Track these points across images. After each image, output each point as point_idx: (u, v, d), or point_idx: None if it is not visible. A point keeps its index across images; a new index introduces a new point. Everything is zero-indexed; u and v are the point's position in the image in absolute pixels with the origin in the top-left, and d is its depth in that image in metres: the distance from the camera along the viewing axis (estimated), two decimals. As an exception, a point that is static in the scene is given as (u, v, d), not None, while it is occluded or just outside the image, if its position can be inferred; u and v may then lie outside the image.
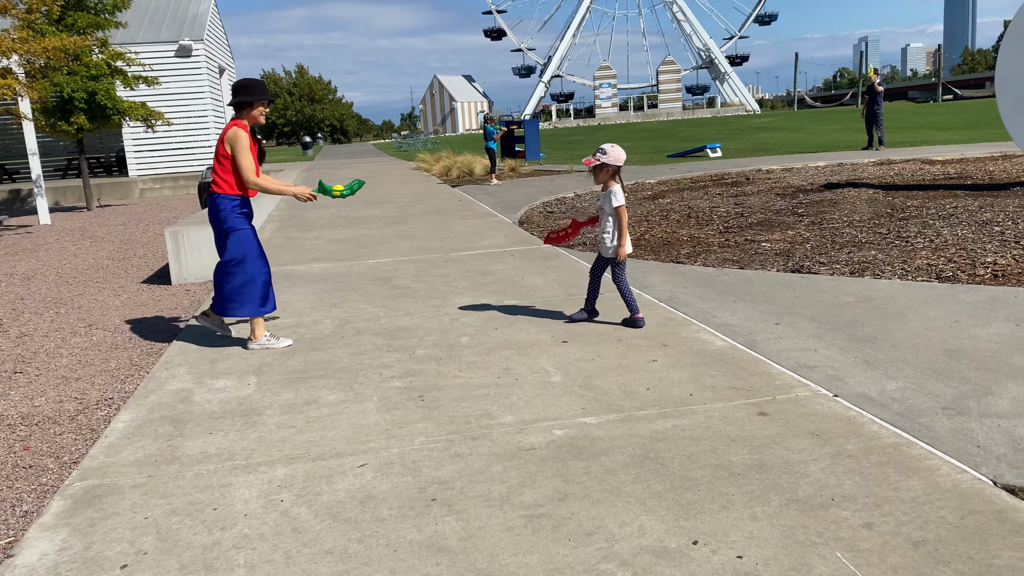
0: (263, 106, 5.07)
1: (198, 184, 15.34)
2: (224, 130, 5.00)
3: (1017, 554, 2.44)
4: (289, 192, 5.10)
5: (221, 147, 4.98)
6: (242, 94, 5.00)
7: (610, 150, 5.01)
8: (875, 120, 19.27)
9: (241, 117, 5.04)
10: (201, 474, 3.33)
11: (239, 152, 4.92)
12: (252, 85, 5.04)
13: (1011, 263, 6.49)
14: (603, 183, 5.11)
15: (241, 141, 4.91)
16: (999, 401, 3.64)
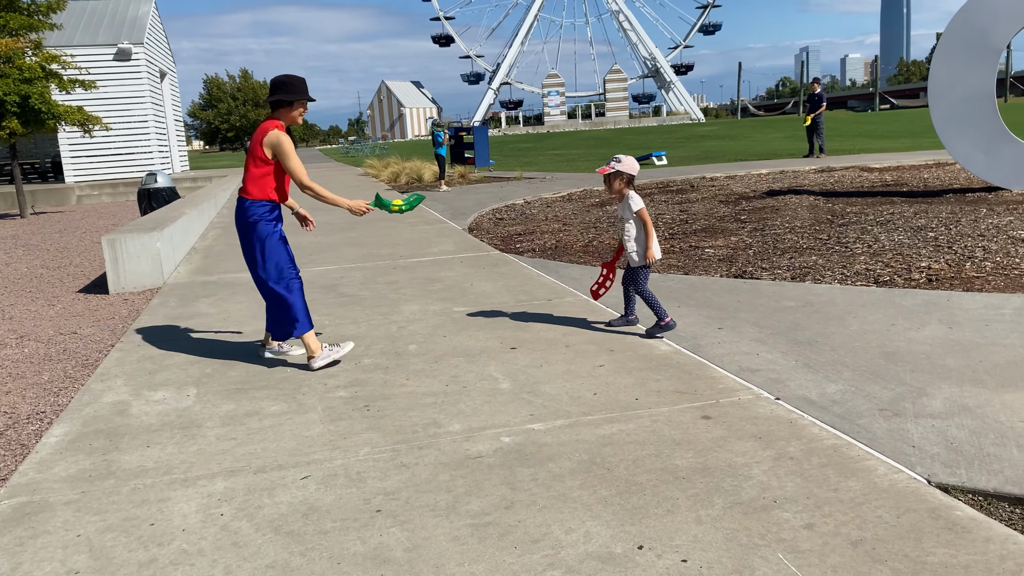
0: (303, 106, 4.72)
1: (138, 190, 14.97)
2: (260, 131, 4.62)
3: (950, 551, 2.50)
4: (344, 205, 4.75)
5: (258, 150, 4.61)
6: (281, 91, 4.63)
7: (624, 159, 5.02)
8: (816, 128, 19.76)
9: (279, 117, 4.67)
10: (138, 489, 3.23)
11: (286, 156, 4.58)
12: (293, 82, 4.65)
13: (944, 267, 6.70)
14: (617, 192, 5.08)
15: (285, 145, 4.57)
16: (933, 402, 3.74)
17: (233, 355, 5.12)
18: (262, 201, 4.68)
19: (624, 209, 5.08)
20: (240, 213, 4.73)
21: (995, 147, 10.74)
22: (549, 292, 6.54)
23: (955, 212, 9.44)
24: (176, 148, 29.13)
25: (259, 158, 4.62)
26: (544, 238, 9.82)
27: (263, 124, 4.66)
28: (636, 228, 5.06)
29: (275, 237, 4.72)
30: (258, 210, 4.67)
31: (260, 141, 4.60)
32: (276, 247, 4.73)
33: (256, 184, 4.65)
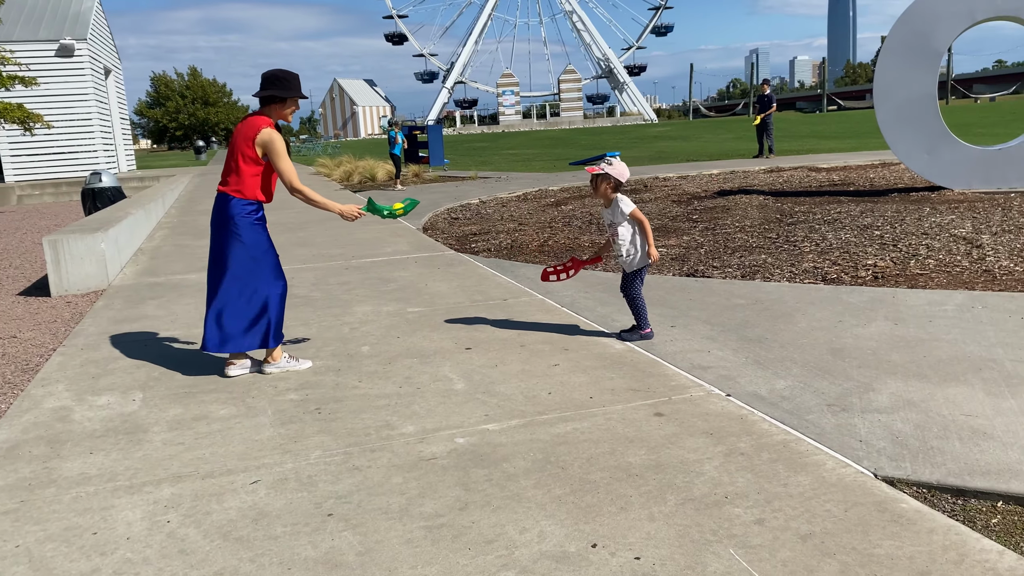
0: (296, 104, 4.53)
1: (82, 190, 14.58)
2: (249, 126, 4.38)
3: (895, 543, 2.55)
4: (335, 209, 4.58)
5: (246, 146, 4.37)
6: (274, 87, 4.41)
7: (616, 163, 4.83)
8: (766, 129, 20.10)
9: (268, 114, 4.45)
10: (80, 497, 3.14)
11: (277, 157, 4.37)
12: (287, 78, 4.44)
13: (890, 265, 6.86)
14: (603, 195, 4.91)
15: (277, 144, 4.36)
16: (879, 397, 3.82)
17: (181, 358, 5.01)
18: (249, 201, 4.45)
19: (614, 214, 4.90)
20: (223, 212, 4.46)
21: (937, 148, 11.03)
22: (504, 292, 6.53)
23: (900, 211, 9.68)
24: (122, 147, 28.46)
25: (249, 157, 4.39)
26: (499, 238, 9.81)
27: (252, 120, 4.43)
28: (630, 231, 4.90)
29: (265, 240, 4.53)
30: (244, 209, 4.44)
31: (251, 138, 4.36)
32: (268, 251, 4.53)
33: (244, 183, 4.42)
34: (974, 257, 6.96)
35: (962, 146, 11.12)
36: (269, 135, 4.35)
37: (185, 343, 5.38)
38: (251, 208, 4.46)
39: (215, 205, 4.53)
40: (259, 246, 4.50)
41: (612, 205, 4.92)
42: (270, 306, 4.53)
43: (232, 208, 4.43)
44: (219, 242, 4.51)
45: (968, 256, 7.01)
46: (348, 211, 4.66)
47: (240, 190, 4.43)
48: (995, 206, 9.63)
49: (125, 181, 19.86)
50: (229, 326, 4.49)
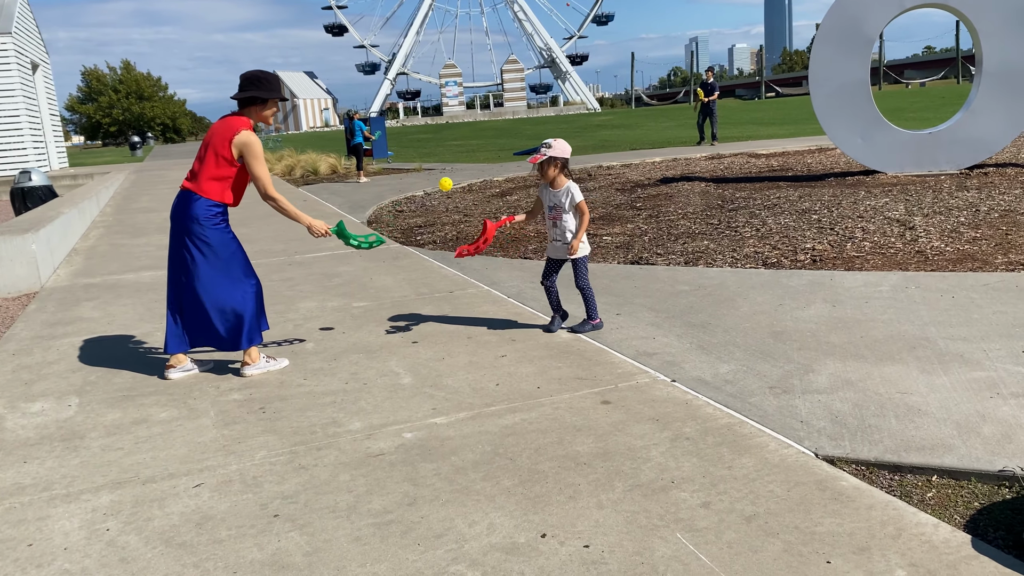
0: (276, 106, 4.43)
1: (11, 190, 14.07)
2: (227, 127, 4.25)
3: (836, 520, 2.62)
4: (305, 222, 4.46)
5: (222, 147, 4.22)
6: (254, 88, 4.29)
7: (555, 143, 4.76)
8: (711, 116, 20.37)
9: (248, 115, 4.33)
10: (13, 508, 3.03)
11: (255, 161, 4.24)
12: (268, 79, 4.35)
13: (828, 248, 7.02)
14: (552, 179, 4.84)
15: (256, 147, 4.24)
16: (819, 378, 3.91)
17: (119, 361, 4.87)
18: (215, 203, 4.29)
19: (563, 198, 4.84)
20: (186, 211, 4.27)
21: (871, 132, 11.32)
22: (451, 284, 6.51)
23: (836, 195, 9.91)
24: (53, 144, 27.53)
25: (223, 158, 4.24)
26: (445, 230, 9.77)
27: (230, 120, 4.30)
28: (575, 221, 4.88)
29: (232, 240, 4.38)
30: (210, 211, 4.28)
31: (229, 139, 4.22)
32: (236, 251, 4.39)
33: (214, 184, 4.26)
34: (907, 239, 7.17)
35: (894, 130, 11.43)
36: (248, 137, 4.24)
37: (123, 345, 5.23)
38: (217, 210, 4.31)
39: (178, 202, 4.34)
40: (227, 247, 4.35)
41: (563, 190, 4.86)
42: (245, 305, 4.39)
43: (197, 208, 4.26)
44: (182, 243, 4.32)
45: (901, 238, 7.22)
46: (317, 227, 4.54)
47: (208, 190, 4.27)
48: (926, 188, 9.93)
49: (57, 179, 19.21)
50: (193, 326, 4.39)
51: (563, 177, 4.88)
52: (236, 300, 4.37)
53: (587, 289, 4.96)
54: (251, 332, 4.44)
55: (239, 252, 4.42)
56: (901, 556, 2.40)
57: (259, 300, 4.50)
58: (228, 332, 4.39)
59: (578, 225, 4.88)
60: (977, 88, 11.13)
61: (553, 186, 4.89)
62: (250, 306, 4.42)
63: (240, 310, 4.38)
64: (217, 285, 4.33)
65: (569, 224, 4.89)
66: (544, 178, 4.88)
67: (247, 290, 4.41)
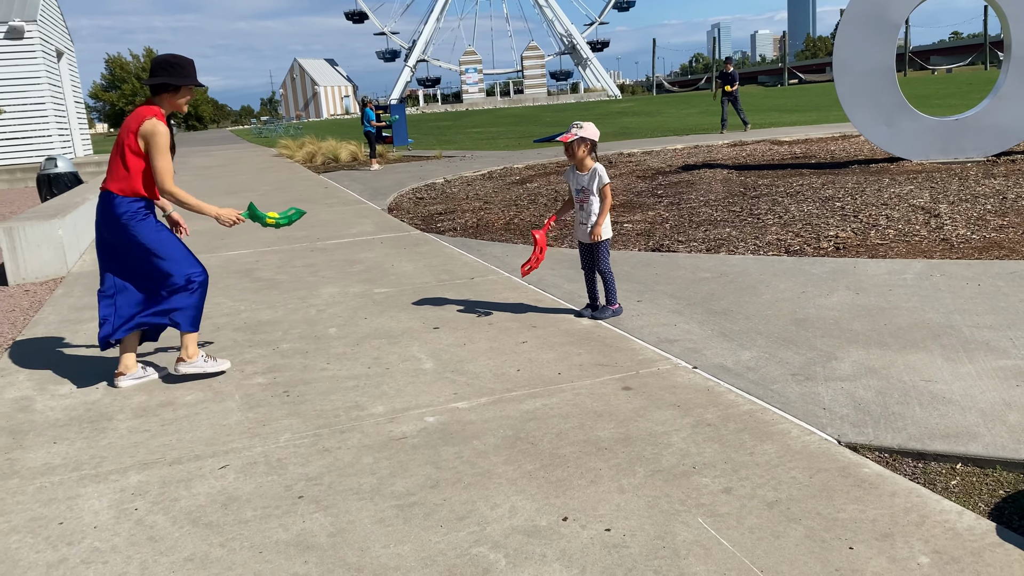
0: (190, 93, 4.16)
1: (37, 176, 14.24)
2: (135, 117, 4.01)
3: (859, 507, 2.61)
4: (210, 212, 4.20)
5: (130, 138, 3.98)
6: (165, 74, 4.04)
7: (585, 125, 4.78)
8: (735, 104, 20.21)
9: (159, 103, 4.07)
10: (44, 487, 3.09)
11: (156, 151, 3.97)
12: (180, 64, 4.07)
13: (851, 236, 6.96)
14: (580, 161, 4.83)
15: (160, 137, 3.96)
16: (842, 365, 3.89)
17: (144, 345, 4.93)
18: (134, 198, 4.06)
19: (590, 181, 4.82)
20: (108, 213, 4.07)
21: (896, 119, 11.18)
22: (471, 271, 6.52)
23: (860, 182, 9.81)
24: (78, 131, 27.80)
25: (132, 150, 4.00)
26: (465, 217, 9.78)
27: (139, 110, 4.05)
28: (599, 203, 4.86)
29: (161, 229, 4.16)
30: (132, 207, 4.05)
31: (134, 130, 3.99)
32: (167, 237, 4.16)
33: (130, 179, 4.03)
34: (932, 226, 7.09)
35: (920, 117, 11.28)
36: (153, 126, 3.97)
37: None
38: (139, 204, 4.08)
39: (100, 204, 4.12)
40: (157, 234, 4.13)
41: (590, 172, 4.85)
42: (190, 285, 4.14)
43: (118, 207, 4.04)
44: (114, 244, 4.12)
45: (926, 225, 7.14)
46: (226, 215, 4.27)
47: (124, 188, 4.04)
48: (952, 176, 9.80)
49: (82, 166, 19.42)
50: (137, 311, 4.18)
51: (591, 160, 4.88)
52: (180, 280, 4.12)
53: (608, 274, 4.96)
54: (194, 319, 4.20)
55: (172, 238, 4.19)
56: (924, 543, 2.39)
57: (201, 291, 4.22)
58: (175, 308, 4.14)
59: (600, 208, 4.87)
60: (1005, 74, 10.95)
61: (580, 168, 4.89)
62: (194, 295, 4.17)
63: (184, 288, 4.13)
64: (152, 271, 4.12)
65: (595, 207, 4.88)
66: (573, 159, 4.87)
67: (192, 271, 4.16)
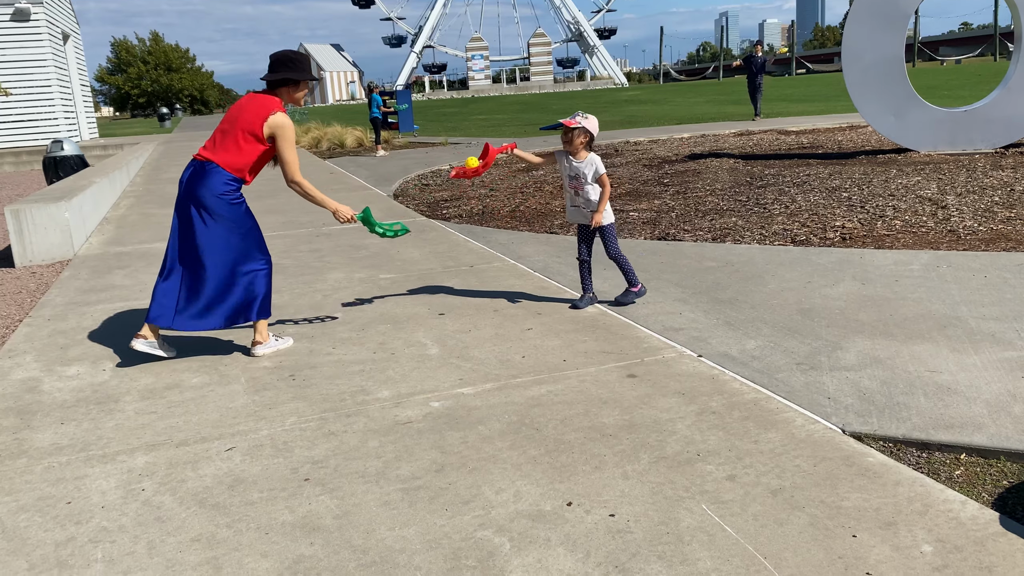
0: (307, 87, 4.33)
1: (43, 159, 14.25)
2: (260, 105, 4.14)
3: (862, 495, 2.62)
4: (331, 207, 4.36)
5: (254, 124, 4.11)
6: (286, 69, 4.19)
7: (590, 117, 4.82)
8: (757, 91, 20.15)
9: (279, 95, 4.23)
10: (52, 467, 3.12)
11: (286, 145, 4.15)
12: (300, 60, 4.24)
13: (857, 226, 6.95)
14: (576, 149, 4.84)
15: (289, 132, 4.15)
16: (847, 355, 3.89)
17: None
18: (234, 177, 4.16)
19: (586, 169, 4.83)
20: (203, 181, 4.12)
21: (904, 110, 11.13)
22: (476, 258, 6.53)
23: (867, 173, 9.78)
24: (84, 114, 27.80)
25: (253, 135, 4.12)
26: (471, 204, 9.78)
27: (261, 98, 4.20)
28: (597, 191, 4.85)
29: (249, 216, 4.27)
30: (229, 186, 4.15)
31: (263, 118, 4.11)
32: (253, 228, 4.28)
33: (236, 158, 4.13)
34: (939, 218, 7.07)
35: (928, 108, 11.23)
36: (283, 120, 4.15)
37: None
38: (235, 185, 4.19)
39: (192, 173, 4.19)
40: (244, 222, 4.24)
41: (586, 161, 4.86)
42: (258, 279, 4.28)
43: (213, 180, 4.12)
44: (195, 215, 4.16)
45: (933, 217, 7.12)
46: (343, 212, 4.43)
47: (230, 163, 4.14)
48: (960, 167, 9.76)
49: (88, 149, 19.43)
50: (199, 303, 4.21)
51: (585, 150, 4.88)
52: (249, 274, 4.26)
53: (620, 258, 4.95)
54: (264, 304, 4.33)
55: (256, 229, 4.32)
56: (928, 532, 2.40)
57: (270, 279, 4.38)
58: (241, 304, 4.26)
59: (600, 196, 4.86)
60: (1015, 65, 10.89)
61: (575, 156, 4.87)
62: (263, 281, 4.32)
63: (254, 283, 4.27)
64: (231, 259, 4.21)
65: (591, 195, 4.86)
66: (569, 145, 4.86)
67: (261, 267, 4.31)
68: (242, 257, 4.24)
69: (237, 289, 4.25)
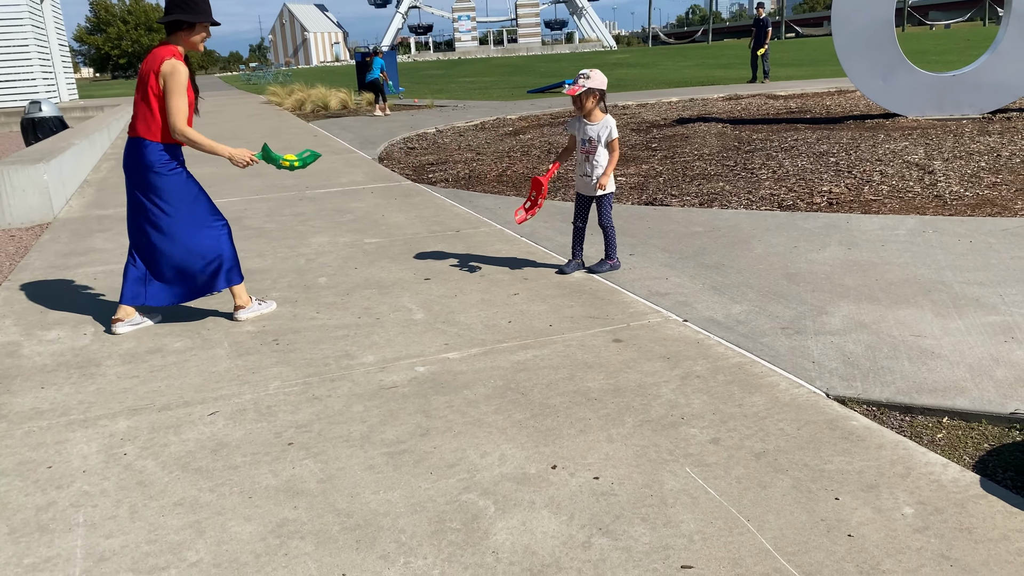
0: (206, 30, 4.02)
1: (22, 120, 14.00)
2: (154, 59, 3.90)
3: (845, 459, 2.63)
4: (224, 153, 4.06)
5: (152, 80, 3.88)
6: (179, 11, 3.89)
7: (592, 73, 4.61)
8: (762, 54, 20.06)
9: (176, 42, 3.97)
10: (32, 431, 3.09)
11: (173, 92, 3.86)
12: (195, 0, 3.91)
13: (844, 191, 6.93)
14: (589, 111, 4.69)
15: (178, 77, 3.85)
16: (832, 320, 3.90)
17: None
18: (168, 144, 3.99)
19: (600, 131, 4.69)
20: (138, 160, 3.98)
21: (893, 74, 11.07)
22: (462, 222, 6.48)
23: (855, 138, 9.75)
24: (63, 75, 27.26)
25: (155, 92, 3.90)
26: (457, 168, 9.69)
27: (156, 50, 3.95)
28: (606, 155, 4.75)
29: (194, 185, 4.11)
30: (163, 155, 3.97)
31: (156, 71, 3.87)
32: (199, 194, 4.12)
33: (159, 124, 3.93)
34: (926, 183, 7.06)
35: (917, 73, 11.17)
36: (172, 66, 3.86)
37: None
38: (169, 153, 4.00)
39: (127, 151, 4.04)
40: (188, 192, 4.08)
41: (600, 123, 4.72)
42: (219, 247, 4.15)
43: (149, 155, 3.95)
44: (140, 195, 4.03)
45: (920, 182, 7.11)
46: (239, 155, 4.13)
47: (153, 132, 3.94)
48: (947, 132, 9.75)
49: (67, 111, 19.09)
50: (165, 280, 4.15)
51: (600, 111, 4.74)
52: (208, 244, 4.13)
53: (610, 228, 4.90)
54: (230, 272, 4.22)
55: (202, 195, 4.15)
56: (909, 494, 2.42)
57: (231, 240, 4.25)
58: (205, 276, 4.16)
59: (608, 161, 4.77)
60: (1005, 29, 10.82)
61: (589, 119, 4.74)
62: (225, 246, 4.18)
63: (215, 252, 4.15)
64: (185, 233, 4.07)
65: (601, 160, 4.76)
66: (581, 111, 4.72)
67: (218, 232, 4.17)
68: (195, 224, 4.09)
69: (199, 257, 4.12)
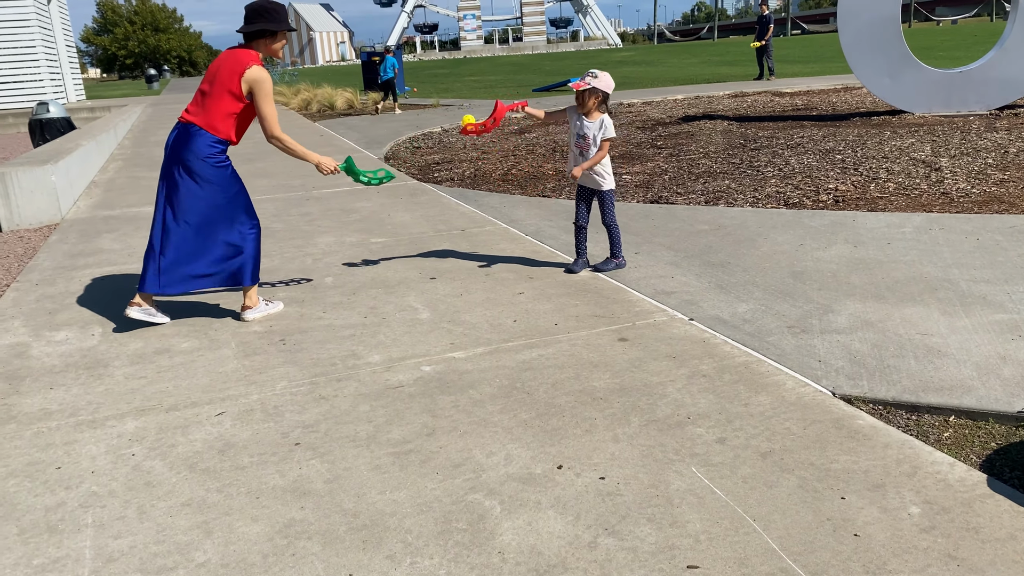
0: (285, 38, 4.18)
1: (29, 121, 14.06)
2: (236, 61, 4.04)
3: (852, 458, 2.63)
4: (313, 160, 4.30)
5: (231, 81, 4.01)
6: (262, 20, 4.04)
7: (601, 75, 4.70)
8: (765, 51, 20.05)
9: (257, 49, 4.11)
10: (41, 432, 3.10)
11: (264, 99, 4.05)
12: (275, 9, 4.08)
13: (851, 189, 6.92)
14: (589, 111, 4.76)
15: (266, 85, 4.05)
16: (838, 318, 3.89)
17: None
18: (220, 139, 4.08)
19: (596, 130, 4.75)
20: (187, 146, 4.04)
21: (899, 71, 11.03)
22: (468, 221, 6.48)
23: (861, 135, 9.72)
24: (70, 76, 27.37)
25: (231, 93, 4.02)
26: (462, 167, 9.70)
27: (237, 53, 4.08)
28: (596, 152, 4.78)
29: (235, 178, 4.18)
30: (214, 148, 4.06)
31: (239, 74, 4.00)
32: (240, 191, 4.20)
33: (219, 119, 4.05)
34: (933, 180, 7.04)
35: (924, 69, 11.13)
36: (260, 74, 4.04)
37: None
38: (221, 147, 4.11)
39: (177, 136, 4.10)
40: (231, 186, 4.16)
41: (597, 122, 4.77)
42: (246, 243, 4.21)
43: (198, 143, 4.04)
44: (180, 179, 4.08)
45: (927, 179, 7.09)
46: (325, 164, 4.36)
47: (213, 125, 4.05)
48: (954, 129, 9.71)
49: (74, 111, 19.17)
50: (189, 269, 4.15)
51: (599, 111, 4.79)
52: (237, 238, 4.20)
53: (614, 227, 4.91)
54: (255, 269, 4.28)
55: (242, 193, 4.23)
56: (916, 493, 2.41)
57: (259, 241, 4.31)
58: (231, 270, 4.22)
59: (595, 156, 4.78)
60: (1012, 25, 10.78)
61: (588, 117, 4.79)
62: (252, 245, 4.25)
63: (242, 247, 4.21)
64: (217, 225, 4.14)
65: (590, 155, 4.79)
66: (582, 107, 4.79)
67: (249, 231, 4.24)
68: (229, 221, 4.18)
69: (226, 253, 4.19)
